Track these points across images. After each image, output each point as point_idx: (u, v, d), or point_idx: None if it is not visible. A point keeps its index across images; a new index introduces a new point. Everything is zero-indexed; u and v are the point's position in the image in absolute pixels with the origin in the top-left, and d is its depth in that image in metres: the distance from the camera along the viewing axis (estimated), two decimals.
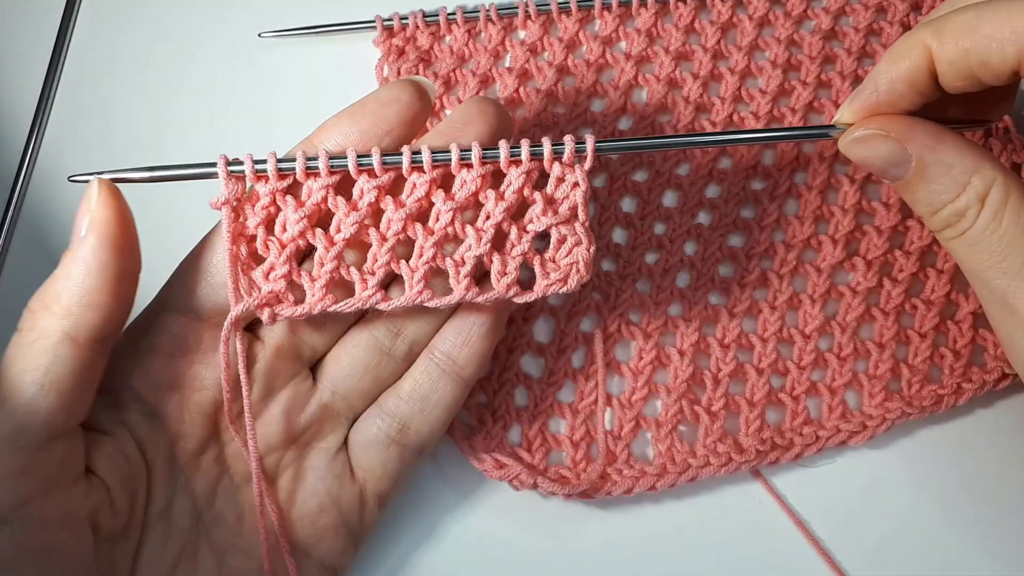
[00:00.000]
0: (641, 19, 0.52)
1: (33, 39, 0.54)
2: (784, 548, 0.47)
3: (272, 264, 0.39)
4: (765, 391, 0.48)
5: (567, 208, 0.40)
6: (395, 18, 0.52)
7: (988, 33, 0.35)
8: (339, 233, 0.39)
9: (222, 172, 0.38)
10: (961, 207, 0.37)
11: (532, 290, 0.41)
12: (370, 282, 0.39)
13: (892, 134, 0.38)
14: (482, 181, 0.39)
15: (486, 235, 0.39)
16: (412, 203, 0.39)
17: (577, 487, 0.46)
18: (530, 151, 0.39)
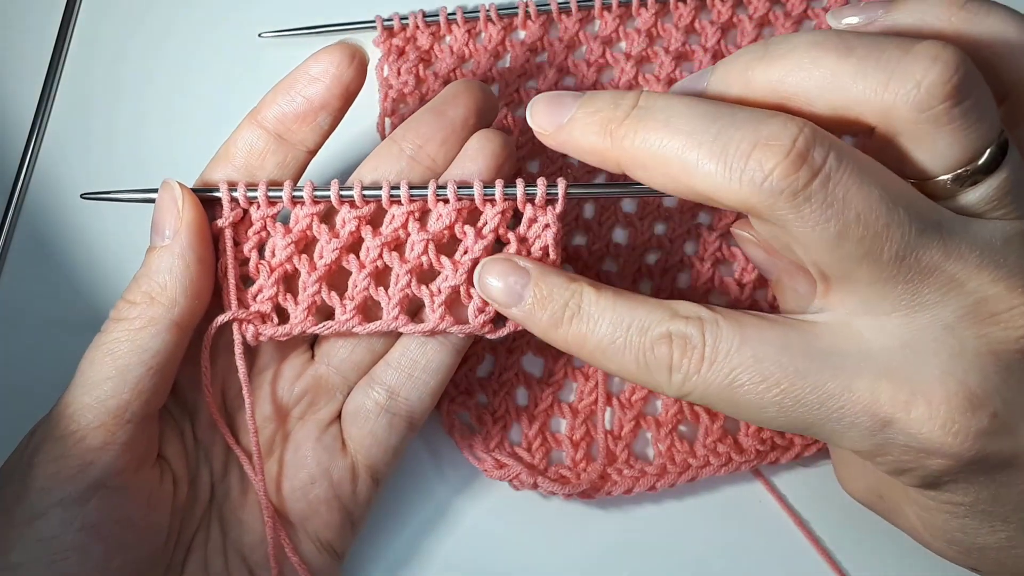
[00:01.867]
0: (641, 19, 0.52)
1: (33, 39, 0.54)
2: (784, 548, 0.47)
3: (261, 286, 0.41)
4: None
5: (539, 249, 0.41)
6: (395, 18, 0.52)
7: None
8: (321, 259, 0.41)
9: (225, 196, 0.41)
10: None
11: (504, 326, 0.42)
12: (348, 307, 0.42)
13: (762, 245, 0.42)
14: (456, 215, 0.41)
15: (462, 268, 0.41)
16: (389, 232, 0.41)
17: (577, 487, 0.46)
18: (503, 192, 0.40)
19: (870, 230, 0.32)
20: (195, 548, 0.42)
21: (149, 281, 0.39)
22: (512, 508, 0.48)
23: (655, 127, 0.33)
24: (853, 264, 0.32)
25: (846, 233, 0.32)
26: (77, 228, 0.51)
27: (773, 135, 0.31)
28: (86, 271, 0.50)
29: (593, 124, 0.35)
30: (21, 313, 0.50)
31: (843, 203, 0.31)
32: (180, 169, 0.51)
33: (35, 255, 0.51)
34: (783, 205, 0.31)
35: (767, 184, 0.31)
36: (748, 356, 0.34)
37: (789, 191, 0.31)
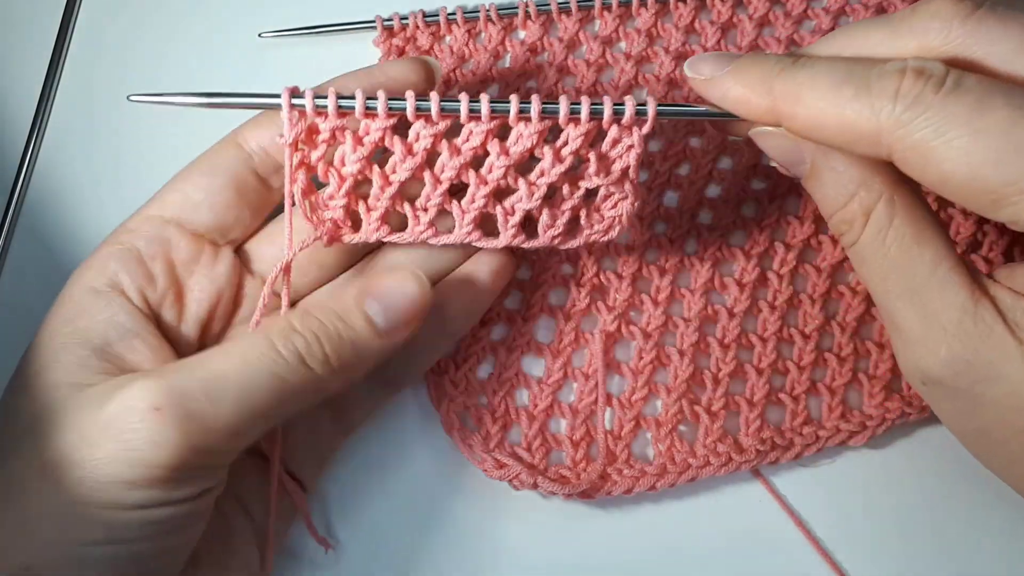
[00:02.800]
0: (641, 19, 0.52)
1: (33, 39, 0.54)
2: (784, 548, 0.47)
3: (332, 193, 0.41)
4: (765, 391, 0.48)
5: (619, 169, 0.41)
6: (395, 18, 0.52)
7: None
8: (394, 174, 0.40)
9: (285, 106, 0.39)
10: (848, 216, 0.37)
11: (575, 237, 0.42)
12: (422, 219, 0.41)
13: (789, 134, 0.38)
14: (539, 137, 0.40)
15: (539, 191, 0.40)
16: (467, 151, 0.40)
17: (577, 487, 0.46)
18: (591, 108, 0.39)
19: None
20: None
21: None
22: (512, 508, 0.48)
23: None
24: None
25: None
26: (77, 228, 0.51)
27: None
28: None
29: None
30: (21, 313, 0.50)
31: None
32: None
33: (35, 255, 0.51)
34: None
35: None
36: (1001, 88, 0.33)
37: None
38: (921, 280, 0.36)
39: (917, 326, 0.36)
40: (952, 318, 0.35)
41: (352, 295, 0.38)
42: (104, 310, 0.39)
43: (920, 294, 0.36)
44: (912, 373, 0.37)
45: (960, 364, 0.35)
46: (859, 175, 0.37)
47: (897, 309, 0.37)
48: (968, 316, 0.35)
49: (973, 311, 0.35)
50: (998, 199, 0.33)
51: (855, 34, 0.38)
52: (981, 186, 0.33)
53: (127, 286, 0.40)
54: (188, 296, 0.42)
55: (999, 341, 0.35)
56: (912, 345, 0.36)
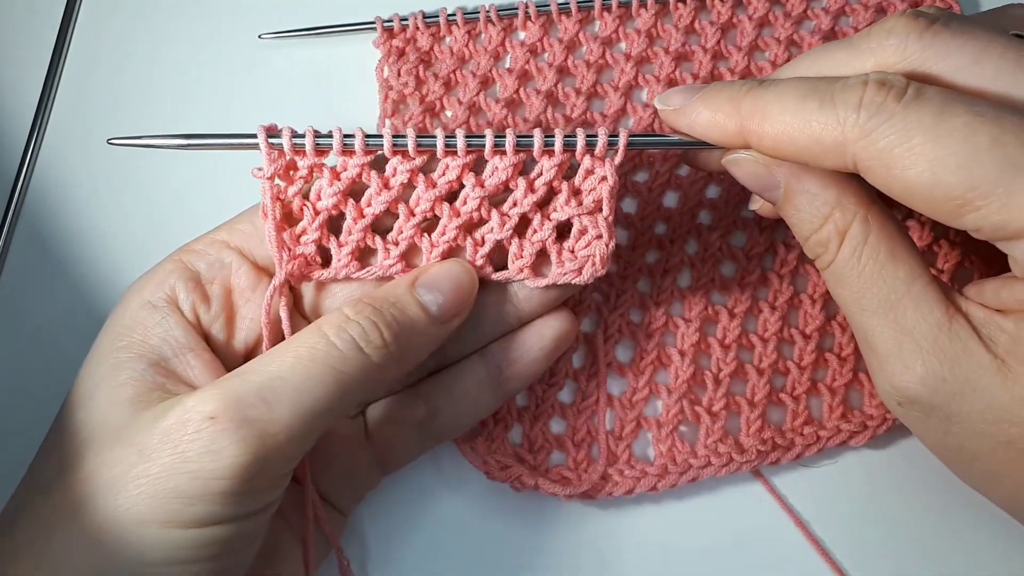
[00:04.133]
0: (641, 20, 0.53)
1: (33, 40, 0.54)
2: (785, 548, 0.47)
3: (304, 228, 0.40)
4: (766, 391, 0.48)
5: (592, 200, 0.41)
6: (395, 19, 0.52)
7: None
8: (369, 207, 0.40)
9: (263, 146, 0.39)
10: (824, 238, 0.38)
11: (545, 276, 0.41)
12: (392, 252, 0.41)
13: (761, 160, 0.38)
14: (513, 170, 0.40)
15: (510, 221, 0.41)
16: (443, 184, 0.40)
17: (578, 488, 0.46)
18: (564, 142, 0.40)
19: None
20: None
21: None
22: (513, 509, 0.48)
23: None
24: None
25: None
26: (77, 228, 0.51)
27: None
28: (86, 271, 0.50)
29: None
30: (21, 313, 0.50)
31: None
32: (180, 169, 0.52)
33: (35, 255, 0.51)
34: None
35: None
36: (962, 97, 0.34)
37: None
38: (896, 297, 0.36)
39: (892, 343, 0.36)
40: (928, 334, 0.35)
41: (403, 283, 0.39)
42: (160, 324, 0.39)
43: (895, 311, 0.36)
44: (889, 393, 0.37)
45: (936, 380, 0.35)
46: (833, 197, 0.37)
47: (873, 327, 0.37)
48: (943, 332, 0.35)
49: (948, 327, 0.35)
50: (961, 205, 0.33)
51: (817, 57, 0.39)
52: (944, 192, 0.33)
53: (183, 302, 0.40)
54: (238, 323, 0.41)
55: (975, 356, 0.35)
56: (888, 363, 0.36)
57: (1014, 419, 0.34)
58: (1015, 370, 0.34)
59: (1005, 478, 0.36)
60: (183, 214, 0.50)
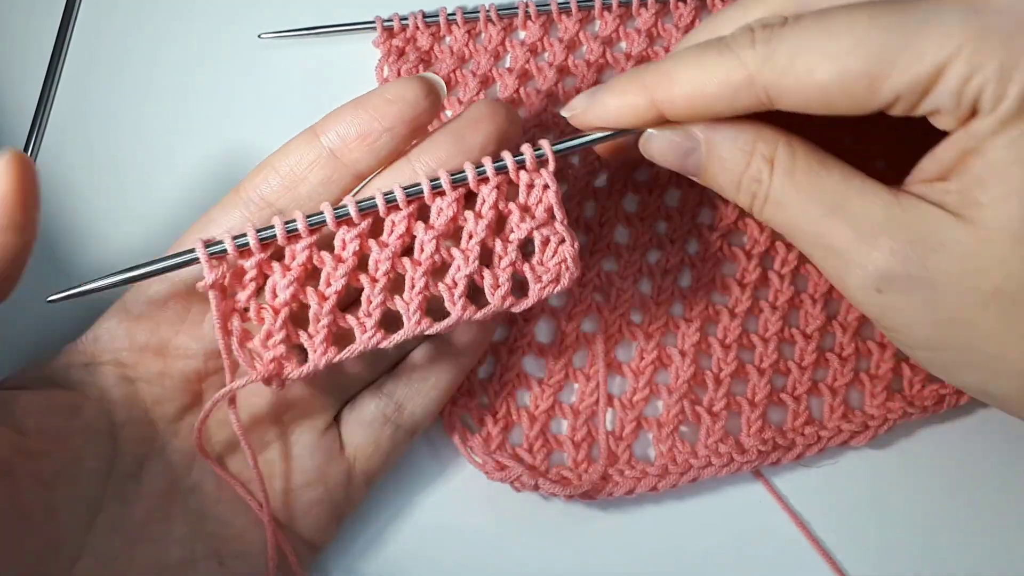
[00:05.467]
0: (641, 19, 0.53)
1: (32, 40, 0.54)
2: (786, 548, 0.47)
3: (269, 331, 0.39)
4: (767, 391, 0.48)
5: (543, 211, 0.41)
6: (395, 19, 0.52)
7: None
8: (329, 287, 0.40)
9: (203, 258, 0.38)
10: (755, 172, 0.39)
11: (528, 296, 0.41)
12: (368, 324, 0.40)
13: (674, 127, 0.40)
14: (457, 205, 0.40)
15: (472, 254, 0.40)
16: (395, 241, 0.40)
17: (579, 488, 0.46)
18: (494, 167, 0.40)
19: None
20: (150, 539, 0.41)
21: None
22: (513, 510, 0.48)
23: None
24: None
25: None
26: (77, 228, 0.51)
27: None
28: (87, 271, 0.50)
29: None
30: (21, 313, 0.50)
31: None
32: (180, 169, 0.52)
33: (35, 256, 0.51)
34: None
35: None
36: (832, 8, 0.36)
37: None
38: (840, 195, 0.37)
39: (851, 232, 0.36)
40: (881, 212, 0.36)
41: None
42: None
43: (843, 207, 0.37)
44: (863, 285, 0.37)
45: (904, 246, 0.35)
46: (752, 133, 0.39)
47: (826, 228, 0.37)
48: (894, 206, 0.36)
49: (897, 201, 0.36)
50: (872, 80, 0.34)
51: (706, 22, 0.42)
52: (853, 75, 0.34)
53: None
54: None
55: (931, 215, 0.35)
56: (853, 251, 0.36)
57: (992, 262, 0.34)
58: (973, 216, 0.34)
59: (1007, 340, 0.35)
60: (185, 214, 0.50)
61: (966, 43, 0.33)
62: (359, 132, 0.40)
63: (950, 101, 0.34)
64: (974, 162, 0.34)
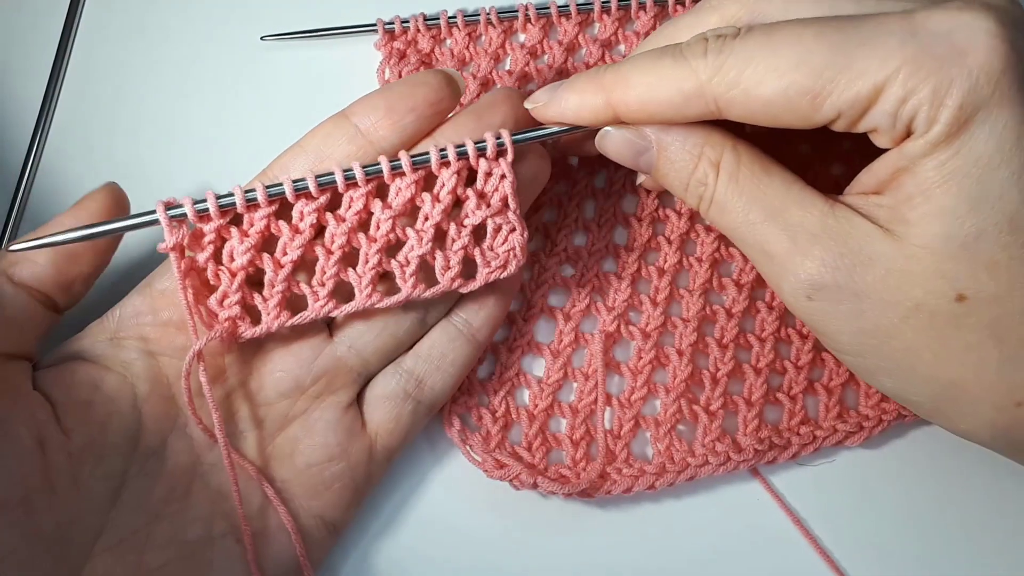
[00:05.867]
0: (640, 22, 0.53)
1: (36, 42, 0.54)
2: (782, 546, 0.47)
3: (225, 292, 0.41)
4: (763, 391, 0.48)
5: (498, 200, 0.42)
6: (396, 21, 0.52)
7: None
8: (285, 256, 0.41)
9: (163, 220, 0.39)
10: (701, 175, 0.40)
11: (475, 279, 0.43)
12: (320, 294, 0.41)
13: (629, 127, 0.41)
14: (416, 187, 0.41)
15: (426, 235, 0.42)
16: (352, 216, 0.41)
17: (577, 486, 0.46)
18: (456, 152, 0.41)
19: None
20: (168, 515, 0.41)
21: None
22: (512, 508, 0.48)
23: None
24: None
25: None
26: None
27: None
28: None
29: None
30: None
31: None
32: (182, 170, 0.52)
33: None
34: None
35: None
36: (783, 22, 0.37)
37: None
38: (779, 202, 0.39)
39: (786, 239, 0.38)
40: (816, 222, 0.38)
41: None
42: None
43: (781, 214, 0.38)
44: (795, 290, 0.38)
45: (834, 257, 0.37)
46: (701, 137, 0.40)
47: (763, 234, 0.39)
48: (829, 216, 0.38)
49: (832, 212, 0.38)
50: (815, 96, 0.35)
51: (667, 26, 0.43)
52: (797, 90, 0.36)
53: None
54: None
55: (861, 228, 0.37)
56: (786, 258, 0.38)
57: (914, 279, 0.36)
58: (900, 232, 0.36)
59: (922, 353, 0.37)
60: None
61: (903, 65, 0.34)
62: (386, 111, 0.42)
63: (886, 121, 0.35)
64: (905, 180, 0.36)
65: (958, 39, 0.34)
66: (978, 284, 0.35)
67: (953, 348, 0.36)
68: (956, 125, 0.34)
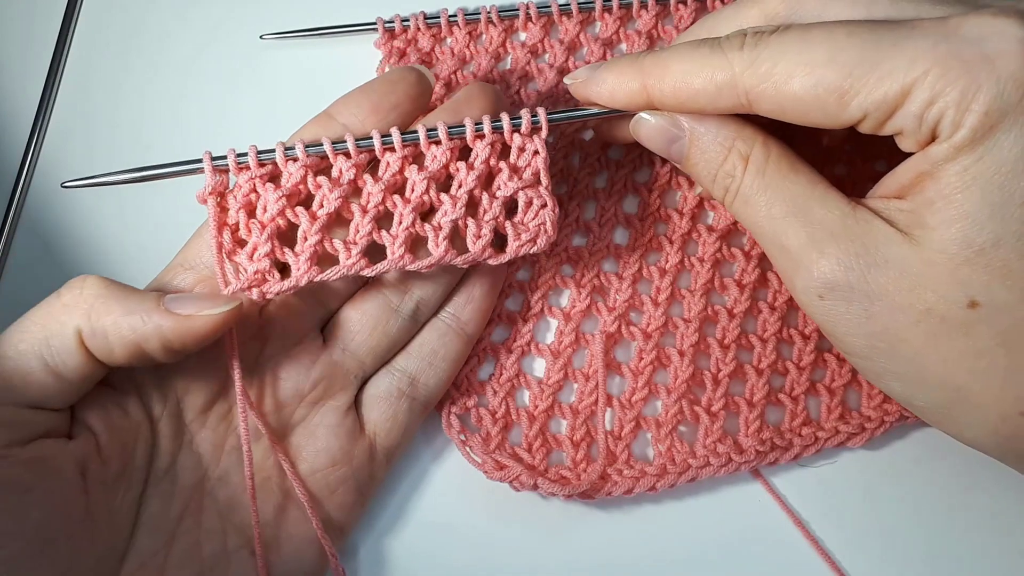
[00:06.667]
0: (642, 21, 0.53)
1: (34, 41, 0.54)
2: (784, 548, 0.47)
3: (255, 244, 0.41)
4: (765, 391, 0.48)
5: (530, 174, 0.43)
6: (396, 20, 0.52)
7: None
8: (322, 208, 0.41)
9: (207, 166, 0.40)
10: (730, 167, 0.41)
11: (505, 251, 0.43)
12: (353, 251, 0.42)
13: (664, 113, 0.42)
14: (451, 154, 0.42)
15: (460, 201, 0.42)
16: (388, 177, 0.42)
17: (577, 488, 0.46)
18: (491, 125, 0.42)
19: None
20: (182, 533, 0.41)
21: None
22: (512, 509, 0.48)
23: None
24: None
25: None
26: (79, 228, 0.52)
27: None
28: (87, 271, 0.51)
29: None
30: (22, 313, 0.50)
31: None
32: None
33: (37, 256, 0.51)
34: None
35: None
36: (819, 22, 0.38)
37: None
38: (802, 199, 0.39)
39: (805, 235, 0.38)
40: (836, 221, 0.38)
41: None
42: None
43: (803, 210, 0.39)
44: (809, 288, 0.38)
45: (850, 257, 0.37)
46: (733, 129, 0.41)
47: (783, 228, 0.39)
48: (849, 217, 0.38)
49: (852, 213, 0.38)
50: (843, 94, 0.36)
51: (706, 19, 0.44)
52: (825, 87, 0.36)
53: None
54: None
55: (880, 230, 0.37)
56: (803, 254, 0.38)
57: (928, 283, 0.36)
58: (918, 236, 0.36)
59: (930, 359, 0.37)
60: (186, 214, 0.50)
61: (932, 68, 0.34)
62: (371, 108, 0.43)
63: (912, 124, 0.35)
64: (928, 185, 0.36)
65: (989, 45, 0.34)
66: (991, 292, 0.35)
67: (962, 354, 0.36)
68: (981, 131, 0.34)
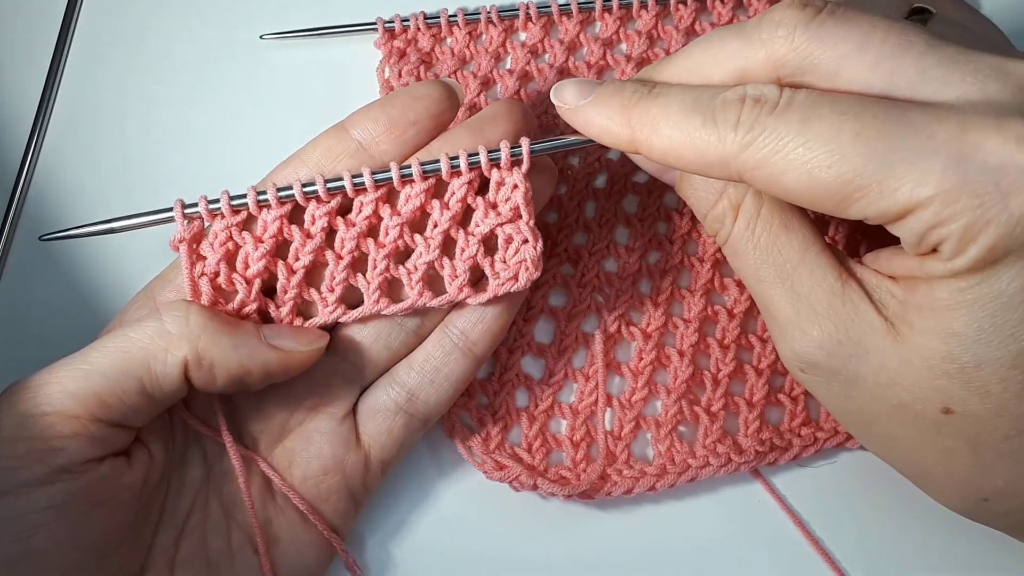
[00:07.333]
0: (642, 21, 0.53)
1: (34, 41, 0.54)
2: (784, 548, 0.47)
3: (244, 300, 0.41)
4: (764, 392, 0.48)
5: (509, 209, 0.42)
6: (396, 20, 0.52)
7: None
8: (298, 261, 0.41)
9: (178, 215, 0.40)
10: (719, 214, 0.40)
11: (484, 291, 0.42)
12: (330, 299, 0.42)
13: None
14: (426, 195, 0.41)
15: (434, 242, 0.42)
16: (362, 221, 0.41)
17: (577, 488, 0.46)
18: (468, 162, 0.41)
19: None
20: (190, 529, 0.42)
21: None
22: (512, 509, 0.48)
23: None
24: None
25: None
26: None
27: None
28: (87, 272, 0.51)
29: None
30: (23, 314, 0.50)
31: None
32: (181, 169, 0.52)
33: (37, 256, 0.51)
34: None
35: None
36: (827, 99, 0.34)
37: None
38: (792, 266, 0.38)
39: (790, 310, 0.38)
40: (822, 299, 0.37)
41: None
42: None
43: (791, 279, 0.38)
44: (791, 360, 0.38)
45: (832, 343, 0.37)
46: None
47: (770, 296, 0.38)
48: (837, 297, 0.37)
49: (841, 292, 0.37)
50: (841, 199, 0.34)
51: (711, 44, 0.38)
52: (823, 191, 0.34)
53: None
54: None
55: (866, 319, 0.36)
56: (787, 329, 0.38)
57: (904, 382, 0.36)
58: (904, 334, 0.35)
59: (900, 441, 0.38)
60: None
61: (940, 195, 0.32)
62: (388, 125, 0.42)
63: (912, 239, 0.34)
64: (920, 287, 0.35)
65: (1006, 178, 0.32)
66: (967, 404, 0.35)
67: (931, 447, 0.37)
68: (983, 263, 0.33)
